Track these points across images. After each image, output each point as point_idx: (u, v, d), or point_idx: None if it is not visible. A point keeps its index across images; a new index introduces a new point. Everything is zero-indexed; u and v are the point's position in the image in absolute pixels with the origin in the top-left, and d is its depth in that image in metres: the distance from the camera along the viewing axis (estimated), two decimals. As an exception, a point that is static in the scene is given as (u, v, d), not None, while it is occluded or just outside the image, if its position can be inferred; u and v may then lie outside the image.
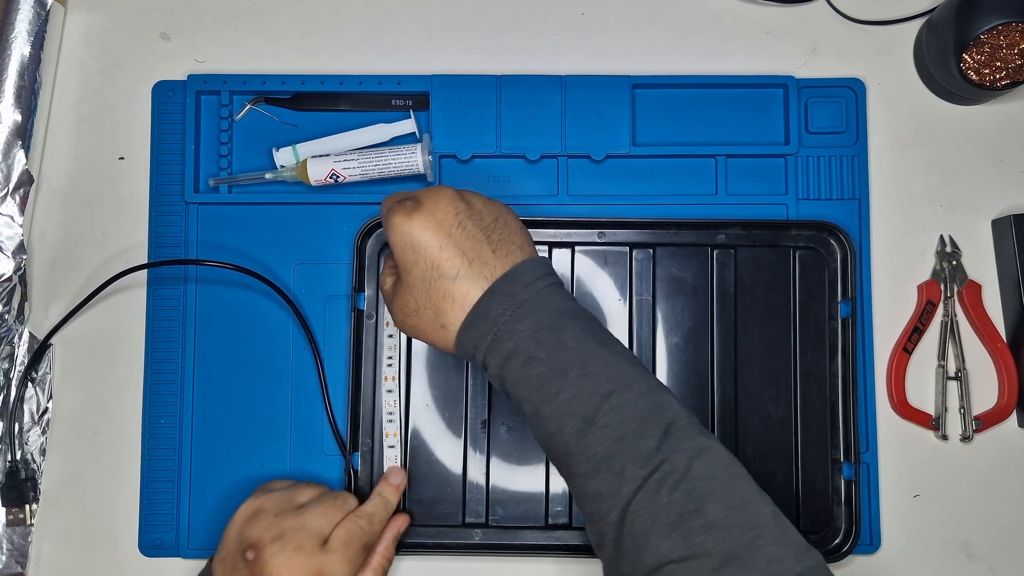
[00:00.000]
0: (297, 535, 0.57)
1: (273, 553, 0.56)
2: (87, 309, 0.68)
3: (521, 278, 0.53)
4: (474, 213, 0.54)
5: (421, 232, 0.53)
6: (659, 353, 0.67)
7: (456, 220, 0.53)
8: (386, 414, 0.66)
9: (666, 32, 0.71)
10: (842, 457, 0.66)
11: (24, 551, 0.67)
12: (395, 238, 0.53)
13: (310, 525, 0.58)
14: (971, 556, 0.67)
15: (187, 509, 0.67)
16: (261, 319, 0.68)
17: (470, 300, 0.52)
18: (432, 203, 0.53)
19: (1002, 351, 0.67)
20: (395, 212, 0.53)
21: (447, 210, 0.53)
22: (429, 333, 0.54)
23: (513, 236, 0.55)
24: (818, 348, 0.67)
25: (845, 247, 0.67)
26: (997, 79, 0.66)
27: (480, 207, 0.55)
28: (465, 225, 0.53)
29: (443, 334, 0.54)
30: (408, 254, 0.53)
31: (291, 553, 0.57)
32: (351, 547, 0.59)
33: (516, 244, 0.55)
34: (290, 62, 0.71)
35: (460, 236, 0.53)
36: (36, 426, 0.68)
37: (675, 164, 0.69)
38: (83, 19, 0.72)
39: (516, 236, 0.55)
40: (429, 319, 0.54)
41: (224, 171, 0.70)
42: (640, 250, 0.68)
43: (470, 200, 0.55)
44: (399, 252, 0.54)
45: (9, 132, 0.67)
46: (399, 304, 0.55)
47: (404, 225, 0.53)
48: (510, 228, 0.55)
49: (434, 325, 0.54)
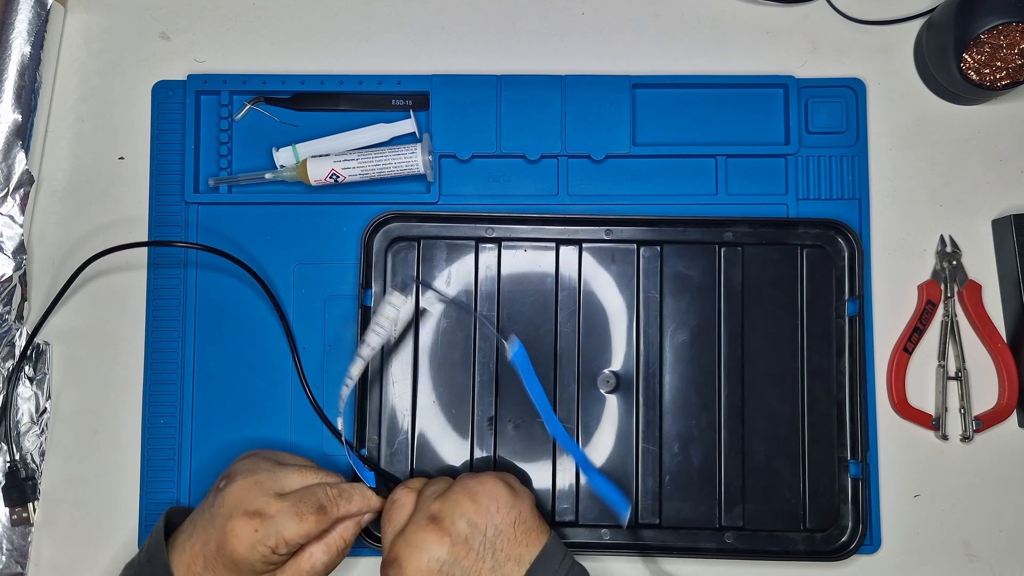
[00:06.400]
0: (264, 476, 0.58)
1: (234, 482, 0.57)
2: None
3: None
4: (459, 551, 0.54)
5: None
6: (666, 351, 0.67)
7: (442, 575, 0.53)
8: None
9: (666, 32, 0.71)
10: (848, 455, 0.66)
11: (24, 551, 0.67)
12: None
13: (282, 475, 0.58)
14: (971, 556, 0.67)
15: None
16: (261, 319, 0.68)
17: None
18: (414, 568, 0.53)
19: (1002, 351, 0.67)
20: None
21: (429, 568, 0.53)
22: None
23: (510, 547, 0.55)
24: (825, 346, 0.67)
25: (852, 245, 0.67)
26: (997, 79, 0.66)
27: (465, 531, 0.54)
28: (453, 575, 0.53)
29: None
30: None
31: (248, 485, 0.57)
32: (305, 504, 0.57)
33: (513, 557, 0.54)
34: (290, 62, 0.71)
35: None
36: (35, 426, 0.68)
37: (675, 164, 0.69)
38: (83, 19, 0.72)
39: (513, 545, 0.55)
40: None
41: (224, 171, 0.70)
42: (647, 248, 0.68)
43: (453, 530, 0.54)
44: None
45: (9, 132, 0.67)
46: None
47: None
48: (504, 537, 0.55)
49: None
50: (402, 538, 0.55)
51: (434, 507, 0.56)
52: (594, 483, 0.63)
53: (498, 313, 0.67)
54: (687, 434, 0.66)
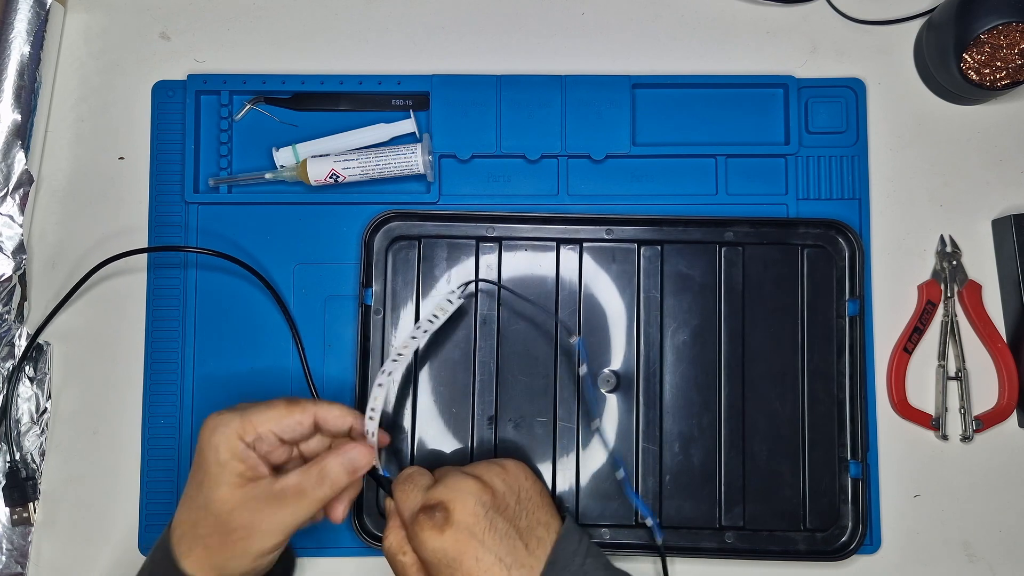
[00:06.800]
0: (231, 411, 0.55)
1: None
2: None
3: (560, 566, 0.53)
4: (500, 503, 0.54)
5: (455, 547, 0.52)
6: (666, 350, 0.67)
7: (487, 522, 0.53)
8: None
9: (666, 32, 0.71)
10: (849, 455, 0.66)
11: (24, 551, 0.67)
12: (427, 555, 0.53)
13: (249, 407, 0.56)
14: (971, 556, 0.67)
15: (187, 509, 0.67)
16: (261, 319, 0.68)
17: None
18: (461, 508, 0.53)
19: (1002, 351, 0.67)
20: (424, 526, 0.53)
21: (476, 512, 0.53)
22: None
23: (538, 513, 0.56)
24: (825, 346, 0.67)
25: (853, 245, 0.67)
26: (997, 79, 0.66)
27: (502, 488, 0.55)
28: (496, 524, 0.53)
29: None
30: (444, 570, 0.53)
31: (213, 417, 0.55)
32: (273, 399, 0.55)
33: (543, 523, 0.55)
34: (290, 62, 0.71)
35: (493, 541, 0.53)
36: (35, 426, 0.68)
37: (675, 164, 0.69)
38: (83, 19, 0.72)
39: (540, 512, 0.56)
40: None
41: (224, 171, 0.70)
42: (648, 247, 0.68)
43: (492, 484, 0.55)
44: (433, 567, 0.53)
45: (9, 132, 0.67)
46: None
47: (436, 541, 0.52)
48: (533, 503, 0.56)
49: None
50: (443, 486, 0.54)
51: (466, 469, 0.56)
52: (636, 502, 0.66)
53: (498, 313, 0.67)
54: (687, 434, 0.66)
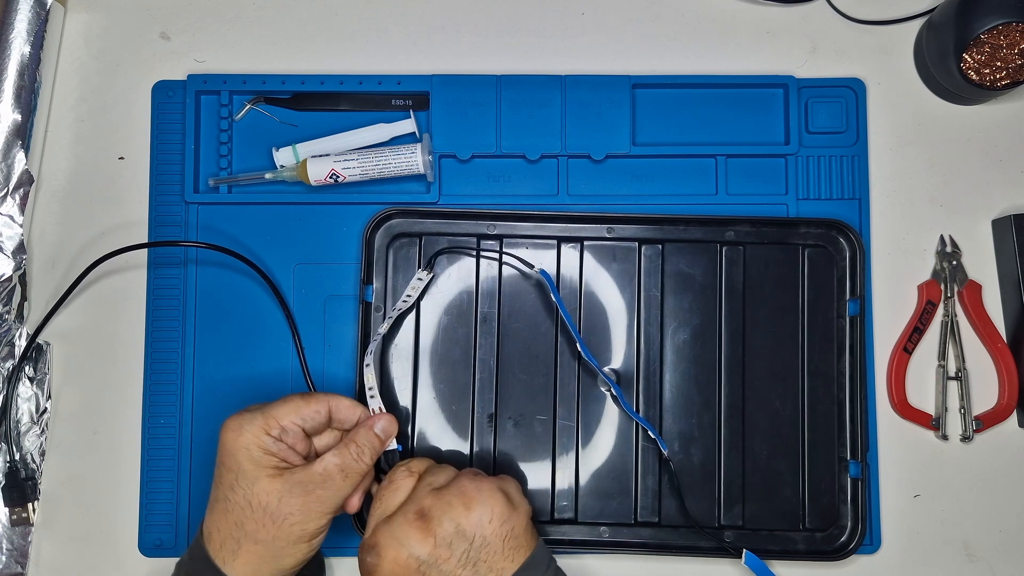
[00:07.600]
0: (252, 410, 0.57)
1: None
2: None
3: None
4: (439, 553, 0.53)
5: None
6: (666, 349, 0.67)
7: (418, 574, 0.53)
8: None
9: (666, 32, 0.71)
10: (849, 455, 0.66)
11: (24, 551, 0.67)
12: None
13: (268, 405, 0.57)
14: (971, 556, 0.67)
15: (187, 509, 0.67)
16: (262, 318, 0.68)
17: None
18: (392, 557, 0.53)
19: (1002, 351, 0.67)
20: (361, 562, 0.54)
21: (408, 565, 0.53)
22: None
23: (491, 561, 0.54)
24: (826, 346, 0.67)
25: (854, 245, 0.67)
26: (997, 79, 0.66)
27: (449, 535, 0.53)
28: (428, 575, 0.53)
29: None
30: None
31: (235, 416, 0.56)
32: (289, 394, 0.58)
33: (495, 570, 0.53)
34: (290, 62, 0.71)
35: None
36: (35, 426, 0.68)
37: (675, 164, 0.69)
38: (83, 19, 0.72)
39: (495, 559, 0.54)
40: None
41: (224, 171, 0.70)
42: (649, 246, 0.68)
43: (437, 532, 0.53)
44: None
45: (9, 132, 0.67)
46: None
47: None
48: (488, 550, 0.53)
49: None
50: (387, 527, 0.54)
51: (426, 502, 0.54)
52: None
53: (499, 311, 0.67)
54: (687, 433, 0.66)
